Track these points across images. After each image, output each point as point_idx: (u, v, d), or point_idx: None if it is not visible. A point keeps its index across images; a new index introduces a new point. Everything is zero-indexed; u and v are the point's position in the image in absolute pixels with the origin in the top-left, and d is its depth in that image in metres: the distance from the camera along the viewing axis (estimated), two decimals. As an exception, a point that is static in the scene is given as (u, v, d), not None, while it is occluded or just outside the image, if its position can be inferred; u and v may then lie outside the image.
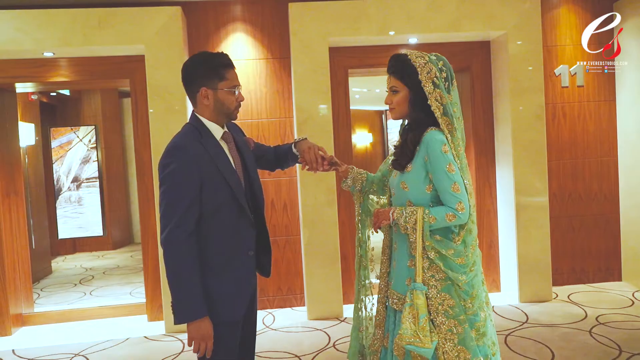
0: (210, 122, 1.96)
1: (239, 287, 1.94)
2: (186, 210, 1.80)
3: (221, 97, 1.93)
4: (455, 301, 1.89)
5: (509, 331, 3.64)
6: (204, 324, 1.82)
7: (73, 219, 5.23)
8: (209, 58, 1.95)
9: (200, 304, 1.81)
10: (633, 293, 4.33)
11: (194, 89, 1.94)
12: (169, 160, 1.83)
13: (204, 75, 1.92)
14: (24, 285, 4.37)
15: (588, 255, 4.69)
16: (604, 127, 4.66)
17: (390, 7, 4.13)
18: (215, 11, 4.30)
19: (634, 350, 3.22)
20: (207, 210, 1.85)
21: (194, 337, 1.83)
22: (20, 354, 3.71)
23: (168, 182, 1.83)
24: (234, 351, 1.95)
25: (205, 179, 1.84)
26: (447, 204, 1.87)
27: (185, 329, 1.86)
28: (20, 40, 3.85)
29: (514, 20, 4.22)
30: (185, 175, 1.82)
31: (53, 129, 5.30)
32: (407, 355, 1.91)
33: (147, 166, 4.19)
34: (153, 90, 3.97)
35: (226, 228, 1.90)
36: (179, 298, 1.83)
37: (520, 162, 4.25)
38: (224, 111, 1.96)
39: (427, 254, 1.89)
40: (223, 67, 1.93)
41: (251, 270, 2.01)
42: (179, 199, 1.81)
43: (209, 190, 1.85)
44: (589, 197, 4.68)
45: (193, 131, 1.93)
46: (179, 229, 1.79)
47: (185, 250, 1.80)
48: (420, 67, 1.90)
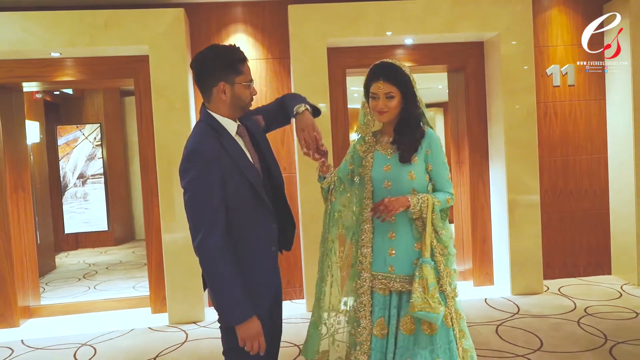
0: (224, 118, 1.93)
1: (263, 281, 1.95)
2: (214, 213, 1.79)
3: (238, 91, 1.91)
4: (451, 271, 2.17)
5: (501, 321, 3.79)
6: (253, 324, 1.82)
7: (79, 214, 5.37)
8: (224, 52, 1.91)
9: (246, 306, 1.81)
10: (622, 286, 4.47)
11: (210, 84, 1.90)
12: (190, 166, 1.81)
13: (221, 70, 1.87)
14: (30, 279, 4.50)
15: (579, 250, 4.83)
16: (594, 125, 4.80)
17: (386, 8, 4.26)
18: (217, 13, 4.43)
19: (618, 339, 3.36)
20: (231, 208, 1.85)
21: (245, 338, 1.82)
22: (29, 344, 3.85)
23: (192, 190, 1.81)
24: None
25: (227, 178, 1.84)
26: (446, 189, 2.18)
27: (187, 320, 1.92)
28: (28, 40, 3.98)
29: (507, 21, 4.35)
30: (208, 179, 1.80)
31: (59, 127, 5.43)
32: (417, 329, 2.06)
33: (151, 163, 4.31)
34: (157, 89, 4.10)
35: (249, 223, 1.91)
36: (224, 302, 1.82)
37: (513, 159, 4.39)
38: (240, 105, 1.94)
39: (436, 233, 2.14)
40: (239, 61, 1.91)
41: (274, 264, 2.02)
42: (206, 204, 1.79)
43: (231, 189, 1.84)
44: (579, 193, 4.82)
45: (209, 130, 1.90)
46: (212, 234, 1.78)
47: (222, 254, 1.79)
48: (410, 75, 2.14)
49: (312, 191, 4.23)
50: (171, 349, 3.62)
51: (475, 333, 3.58)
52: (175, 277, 4.12)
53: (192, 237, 1.81)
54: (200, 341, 3.73)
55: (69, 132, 5.40)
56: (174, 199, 4.09)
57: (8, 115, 4.38)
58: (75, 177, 5.40)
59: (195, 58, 1.93)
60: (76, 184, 5.40)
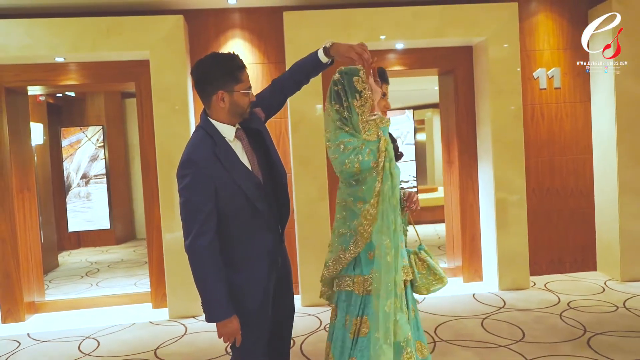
0: (222, 125, 2.01)
1: (256, 282, 2.04)
2: (205, 220, 1.89)
3: (237, 99, 1.98)
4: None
5: (486, 315, 3.95)
6: (231, 323, 1.94)
7: (82, 213, 5.54)
8: (223, 61, 1.97)
9: (226, 306, 1.92)
10: (605, 281, 4.64)
11: (209, 92, 1.97)
12: (185, 172, 1.91)
13: (220, 79, 1.95)
14: (35, 276, 4.67)
15: (565, 247, 5.00)
16: (579, 126, 4.97)
17: (378, 14, 4.43)
18: (216, 19, 4.60)
19: (597, 330, 3.53)
20: (224, 215, 1.95)
21: (222, 334, 1.97)
22: (35, 337, 4.02)
23: (186, 195, 1.91)
24: (260, 338, 2.07)
25: (220, 188, 1.92)
26: None
27: (187, 314, 2.05)
28: (34, 46, 4.15)
29: (494, 27, 4.52)
30: (201, 188, 1.90)
31: (63, 129, 5.61)
32: (414, 318, 2.18)
33: (151, 164, 4.47)
34: (157, 93, 4.27)
35: (243, 230, 2.01)
36: (206, 300, 1.94)
37: (500, 160, 4.56)
38: (239, 112, 2.01)
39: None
40: (238, 69, 1.97)
41: (267, 267, 2.07)
42: (197, 210, 1.89)
43: (224, 198, 1.93)
44: (565, 192, 4.99)
45: (206, 138, 1.97)
46: (200, 238, 1.89)
47: (208, 257, 1.90)
48: None
49: (307, 191, 4.41)
50: (171, 341, 3.79)
51: (461, 326, 3.75)
52: (175, 274, 4.29)
53: (184, 237, 1.94)
54: (198, 334, 3.90)
55: (73, 133, 5.58)
56: (174, 199, 4.26)
57: (14, 118, 4.54)
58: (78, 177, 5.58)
59: (195, 66, 2.00)
60: (79, 184, 5.58)
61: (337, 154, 2.02)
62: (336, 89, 2.08)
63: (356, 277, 2.06)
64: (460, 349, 3.36)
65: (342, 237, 2.09)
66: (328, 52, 2.21)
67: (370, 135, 2.00)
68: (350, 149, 1.98)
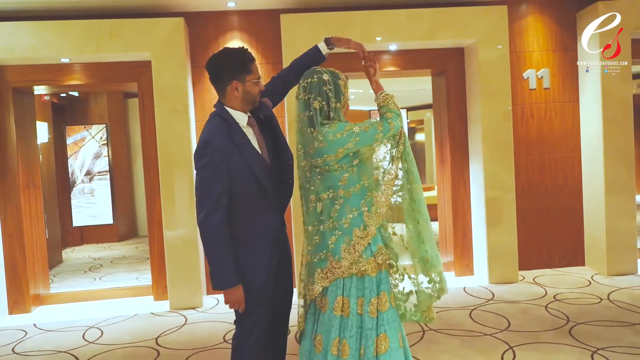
0: (236, 112, 2.21)
1: (260, 260, 2.21)
2: (218, 198, 2.08)
3: (249, 88, 2.19)
4: None
5: (475, 306, 4.10)
6: (236, 291, 2.14)
7: (86, 209, 5.70)
8: (235, 54, 2.19)
9: (232, 276, 2.12)
10: (592, 276, 4.79)
11: (224, 83, 2.18)
12: (202, 153, 2.10)
13: (233, 71, 2.16)
14: (41, 269, 4.83)
15: (554, 243, 5.15)
16: (568, 126, 5.12)
17: (372, 17, 4.58)
18: (215, 21, 4.76)
19: (579, 320, 3.68)
20: (236, 196, 2.14)
21: (228, 301, 2.16)
22: (41, 327, 4.18)
23: (202, 173, 2.10)
24: (263, 316, 2.23)
25: (234, 170, 2.11)
26: None
27: (187, 306, 2.17)
28: (40, 47, 4.32)
29: (484, 29, 4.67)
30: (217, 168, 2.09)
31: (68, 128, 5.77)
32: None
33: (153, 161, 4.63)
34: (158, 93, 4.43)
35: (251, 210, 2.19)
36: (215, 270, 2.14)
37: (490, 158, 4.71)
38: (250, 100, 2.22)
39: None
40: (249, 61, 2.19)
41: (272, 246, 2.25)
42: (212, 189, 2.08)
43: (236, 179, 2.12)
44: (555, 190, 5.13)
45: (222, 124, 2.17)
46: (213, 214, 2.08)
47: (219, 231, 2.09)
48: None
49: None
50: (172, 331, 3.94)
51: (450, 316, 3.90)
52: (175, 268, 4.45)
53: (197, 213, 2.13)
54: (198, 324, 4.06)
55: (77, 132, 5.75)
56: (175, 197, 4.42)
57: (20, 117, 4.71)
58: (82, 174, 5.75)
59: (209, 60, 2.22)
60: (84, 181, 5.75)
61: (356, 135, 2.13)
62: (326, 89, 2.21)
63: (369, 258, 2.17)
64: (447, 337, 3.52)
65: (344, 228, 2.17)
66: (329, 41, 2.48)
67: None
68: (368, 126, 2.15)
